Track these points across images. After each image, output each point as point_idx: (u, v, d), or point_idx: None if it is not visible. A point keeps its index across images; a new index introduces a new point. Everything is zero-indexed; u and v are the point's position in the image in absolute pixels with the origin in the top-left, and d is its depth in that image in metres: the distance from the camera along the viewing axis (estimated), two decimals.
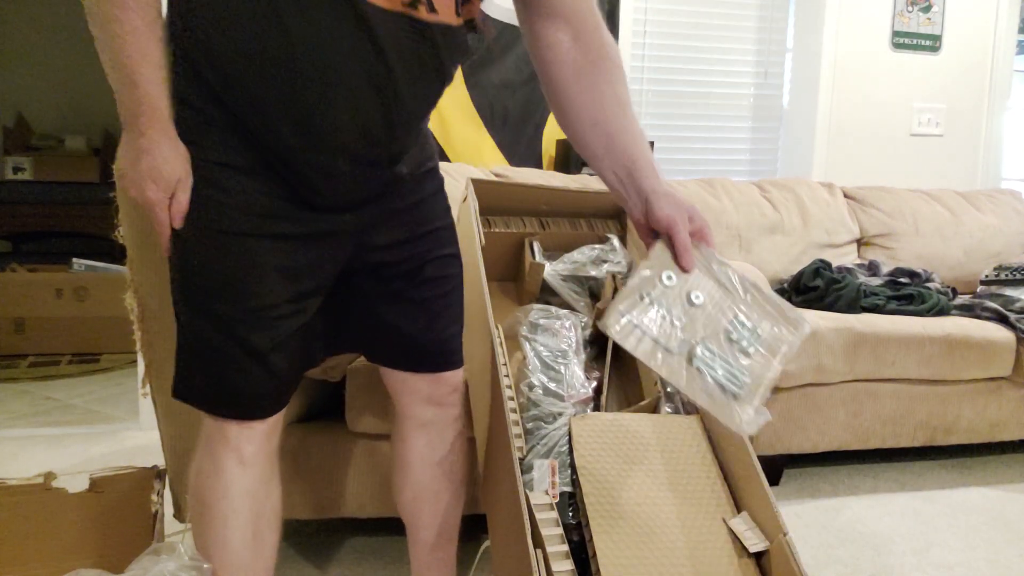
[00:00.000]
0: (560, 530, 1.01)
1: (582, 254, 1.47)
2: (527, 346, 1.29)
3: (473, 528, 1.72)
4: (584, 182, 2.40)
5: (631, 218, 0.96)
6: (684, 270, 0.89)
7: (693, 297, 0.89)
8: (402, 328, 1.08)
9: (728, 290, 0.91)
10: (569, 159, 2.67)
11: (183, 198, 0.90)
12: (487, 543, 1.31)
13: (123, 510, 1.42)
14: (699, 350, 0.85)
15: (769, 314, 0.92)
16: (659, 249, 0.91)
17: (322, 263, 0.98)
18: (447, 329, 1.13)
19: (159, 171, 0.88)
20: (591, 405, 1.23)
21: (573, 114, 0.98)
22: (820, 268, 2.30)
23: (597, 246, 1.48)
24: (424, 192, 1.08)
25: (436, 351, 1.12)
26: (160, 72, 0.86)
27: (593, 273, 1.44)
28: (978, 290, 2.49)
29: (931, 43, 3.18)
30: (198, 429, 1.01)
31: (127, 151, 0.89)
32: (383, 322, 1.08)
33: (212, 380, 0.96)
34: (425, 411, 1.16)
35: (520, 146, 2.80)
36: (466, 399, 1.21)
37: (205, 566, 1.33)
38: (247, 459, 0.99)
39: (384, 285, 1.06)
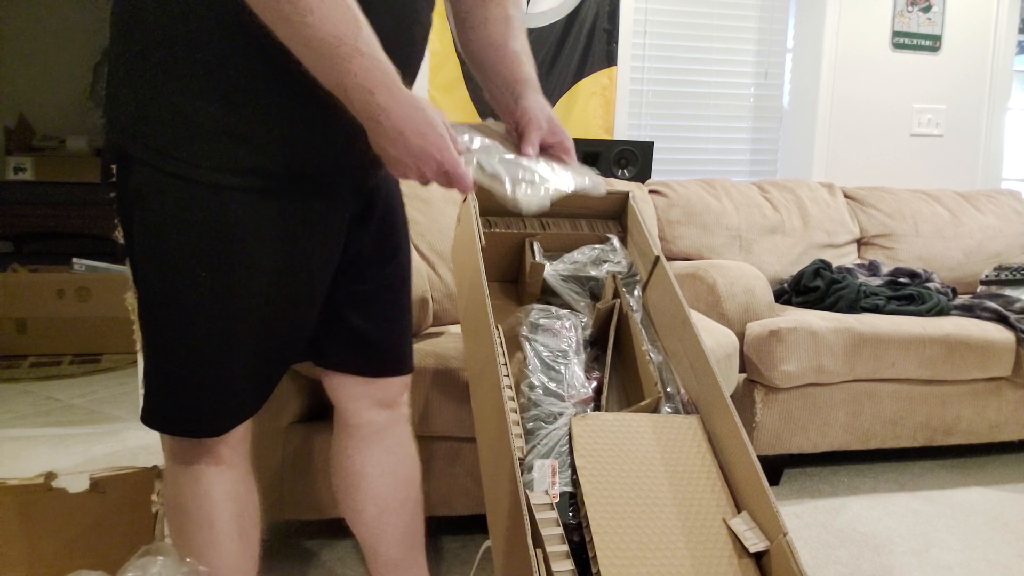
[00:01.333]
0: (560, 530, 1.01)
1: (583, 254, 1.47)
2: (527, 346, 1.29)
3: (473, 528, 1.73)
4: None
5: (508, 126, 1.04)
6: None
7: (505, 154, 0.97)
8: (365, 331, 1.06)
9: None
10: None
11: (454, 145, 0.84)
12: (487, 543, 1.32)
13: (124, 510, 1.42)
14: (481, 153, 0.92)
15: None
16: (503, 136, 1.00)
17: (329, 259, 0.96)
18: (403, 330, 1.12)
19: (432, 130, 0.80)
20: (591, 405, 1.24)
21: (467, 35, 1.05)
22: (820, 268, 2.30)
23: (597, 246, 1.48)
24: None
25: (397, 354, 1.11)
26: (372, 31, 0.77)
27: (593, 273, 1.45)
28: (978, 290, 2.49)
29: (931, 43, 3.19)
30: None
31: (385, 142, 0.80)
32: (347, 325, 1.05)
33: (194, 402, 0.91)
34: (378, 415, 1.12)
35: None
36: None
37: (201, 568, 1.33)
38: (225, 460, 0.96)
39: (357, 283, 1.04)
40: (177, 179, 0.83)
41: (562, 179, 0.97)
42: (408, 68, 0.92)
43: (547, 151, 1.01)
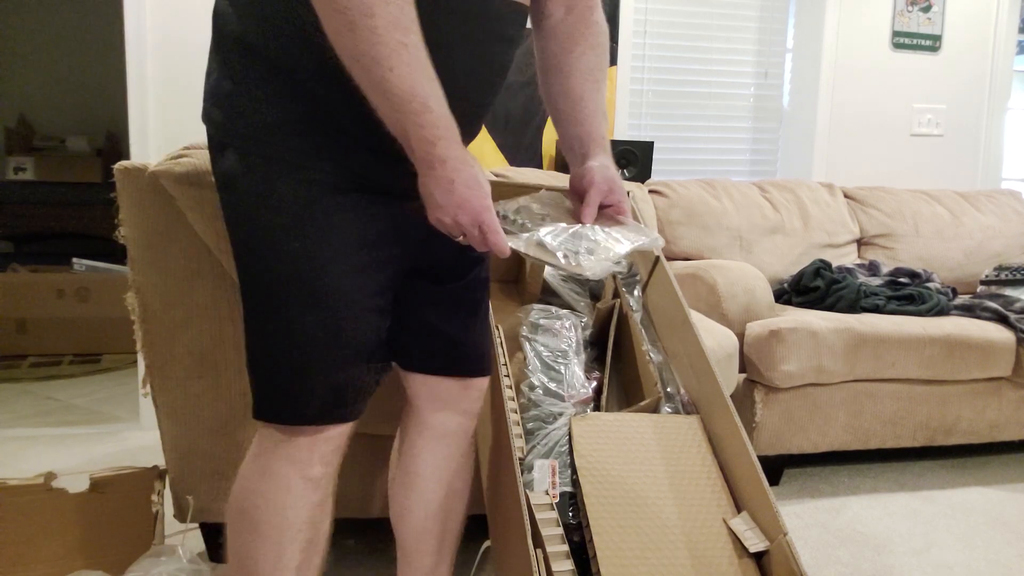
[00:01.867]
0: (560, 530, 1.02)
1: None
2: (527, 346, 1.29)
3: (473, 528, 1.73)
4: None
5: (571, 180, 1.06)
6: (578, 220, 1.01)
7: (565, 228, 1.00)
8: (446, 330, 1.07)
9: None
10: None
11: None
12: (487, 543, 1.31)
13: (124, 510, 1.42)
14: (543, 231, 0.96)
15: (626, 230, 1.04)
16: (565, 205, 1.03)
17: (399, 256, 0.98)
18: (486, 331, 1.13)
19: (479, 187, 0.86)
20: (591, 405, 1.24)
21: (551, 81, 1.08)
22: (820, 268, 2.30)
23: None
24: None
25: (477, 353, 1.12)
26: (441, 89, 0.83)
27: None
28: (978, 290, 2.49)
29: (931, 43, 3.18)
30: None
31: (434, 186, 0.85)
32: (431, 324, 1.07)
33: (310, 385, 0.92)
34: (449, 420, 1.13)
35: (521, 147, 2.81)
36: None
37: (204, 567, 1.33)
38: (315, 480, 0.95)
39: (436, 284, 1.06)
40: (261, 159, 0.88)
41: (618, 243, 0.99)
42: (478, 110, 0.98)
43: (603, 211, 1.04)
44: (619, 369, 1.38)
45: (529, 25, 1.09)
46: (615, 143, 2.70)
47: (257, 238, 0.90)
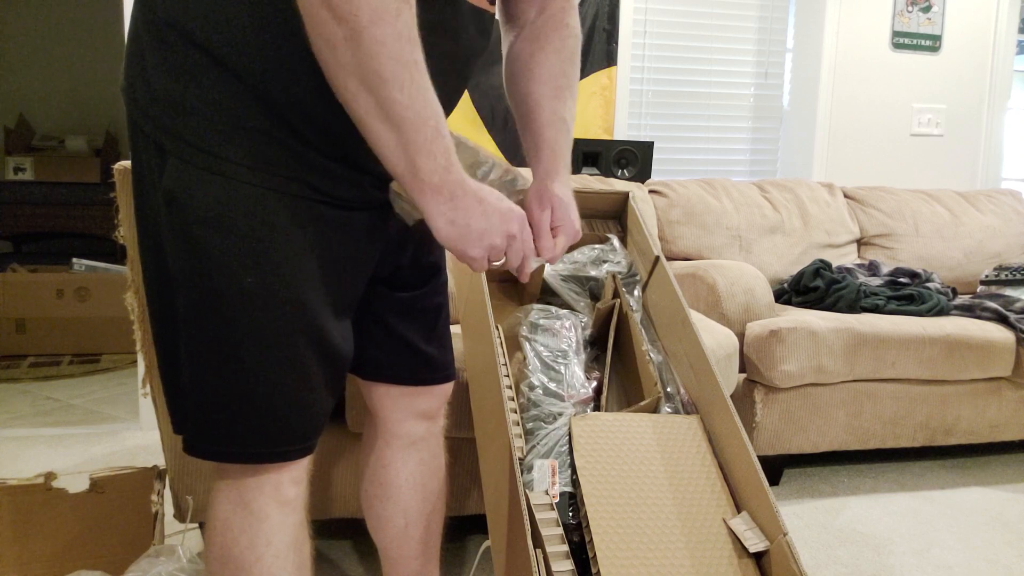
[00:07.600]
0: (560, 530, 1.01)
1: (582, 254, 1.47)
2: (527, 346, 1.29)
3: (473, 528, 1.73)
4: (584, 182, 2.40)
5: (530, 194, 1.01)
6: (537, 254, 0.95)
7: None
8: (410, 338, 1.05)
9: None
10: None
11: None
12: (487, 543, 1.31)
13: (123, 510, 1.42)
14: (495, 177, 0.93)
15: None
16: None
17: (360, 269, 0.93)
18: (447, 338, 1.12)
19: (509, 212, 0.81)
20: (591, 405, 1.24)
21: (511, 85, 1.03)
22: (820, 268, 2.30)
23: (597, 246, 1.48)
24: None
25: (439, 361, 1.10)
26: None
27: (593, 273, 1.44)
28: (978, 290, 2.49)
29: (931, 43, 3.18)
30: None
31: (463, 216, 0.78)
32: (392, 333, 1.04)
33: (264, 420, 0.83)
34: (417, 427, 1.11)
35: (520, 147, 2.81)
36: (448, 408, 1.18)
37: (203, 567, 1.33)
38: (291, 501, 0.87)
39: (397, 291, 1.03)
40: (215, 176, 0.78)
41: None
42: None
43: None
44: (619, 369, 1.38)
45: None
46: (615, 143, 2.70)
47: (204, 267, 0.79)
